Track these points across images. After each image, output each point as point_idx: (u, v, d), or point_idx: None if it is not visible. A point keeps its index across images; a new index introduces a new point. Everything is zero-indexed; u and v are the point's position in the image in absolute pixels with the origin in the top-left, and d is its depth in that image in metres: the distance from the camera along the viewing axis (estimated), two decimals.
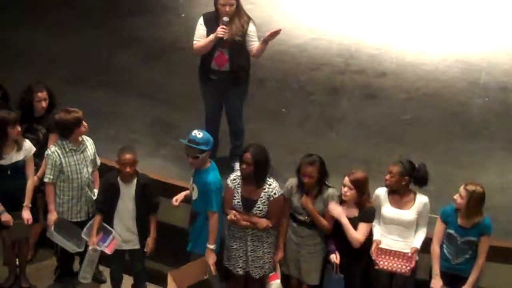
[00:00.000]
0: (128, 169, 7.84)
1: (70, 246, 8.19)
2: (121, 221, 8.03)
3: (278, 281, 7.92)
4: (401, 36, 12.04)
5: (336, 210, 7.53)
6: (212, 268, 7.74)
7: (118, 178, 7.97)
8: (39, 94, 8.34)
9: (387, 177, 7.59)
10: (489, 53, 11.60)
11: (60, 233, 8.11)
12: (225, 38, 8.32)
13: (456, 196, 7.35)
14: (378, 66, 11.29)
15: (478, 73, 11.12)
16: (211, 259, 7.74)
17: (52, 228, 8.10)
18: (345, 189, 7.54)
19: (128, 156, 7.85)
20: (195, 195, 7.76)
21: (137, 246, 8.10)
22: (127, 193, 7.97)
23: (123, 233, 8.05)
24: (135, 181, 7.97)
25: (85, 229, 8.09)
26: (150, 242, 8.05)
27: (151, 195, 7.97)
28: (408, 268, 7.52)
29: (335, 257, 7.61)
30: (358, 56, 11.53)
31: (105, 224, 8.06)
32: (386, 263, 7.57)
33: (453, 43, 11.85)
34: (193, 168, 7.74)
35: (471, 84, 10.88)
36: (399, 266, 7.53)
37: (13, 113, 8.01)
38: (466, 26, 12.34)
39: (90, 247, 8.04)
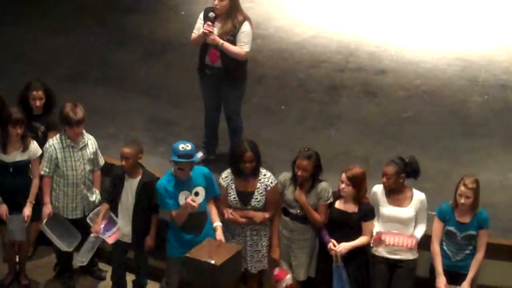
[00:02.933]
0: (123, 162, 7.85)
1: (60, 244, 8.19)
2: (122, 214, 8.05)
3: (289, 275, 7.88)
4: (401, 34, 12.04)
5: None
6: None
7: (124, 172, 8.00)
8: (34, 93, 8.34)
9: (384, 180, 7.57)
10: (488, 51, 11.61)
11: (54, 229, 8.13)
12: (211, 36, 8.31)
13: (463, 200, 7.30)
14: (377, 64, 11.29)
15: (478, 71, 11.12)
16: (223, 236, 7.72)
17: (44, 222, 8.12)
18: (343, 185, 7.55)
19: (125, 149, 7.86)
20: (201, 198, 7.71)
21: (129, 241, 8.10)
22: (130, 187, 7.98)
23: (123, 225, 8.06)
24: (139, 177, 7.97)
25: (90, 214, 8.12)
26: (148, 240, 8.04)
27: (152, 194, 7.88)
28: (412, 242, 7.49)
29: (332, 245, 7.61)
30: (358, 54, 11.54)
31: (112, 214, 8.07)
32: (390, 239, 7.52)
33: (452, 41, 11.86)
34: (185, 178, 7.65)
35: (471, 82, 10.88)
36: (402, 240, 7.49)
37: (19, 114, 7.99)
38: (466, 23, 12.35)
39: (92, 234, 8.05)
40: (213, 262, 7.18)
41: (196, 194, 7.68)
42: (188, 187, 7.64)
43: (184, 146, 7.50)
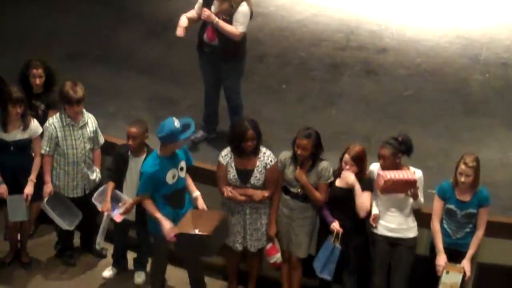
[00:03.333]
0: (130, 142, 7.87)
1: (61, 223, 8.23)
2: (127, 193, 8.07)
3: (278, 254, 7.97)
4: (402, 12, 11.99)
5: (350, 177, 7.53)
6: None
7: (129, 150, 8.00)
8: (34, 71, 8.35)
9: (381, 162, 7.55)
10: (490, 29, 11.58)
11: (55, 207, 8.17)
12: (207, 13, 8.31)
13: (463, 179, 7.30)
14: (378, 42, 11.26)
15: (479, 49, 11.09)
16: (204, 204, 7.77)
17: (45, 201, 8.14)
18: (347, 166, 7.53)
19: (131, 129, 7.88)
20: (184, 172, 7.75)
21: (133, 219, 8.14)
22: (135, 166, 8.01)
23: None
24: (144, 156, 7.98)
25: (95, 195, 8.14)
26: (127, 203, 8.03)
27: None
28: (413, 175, 7.41)
29: (338, 226, 7.61)
30: (359, 32, 11.50)
31: (118, 192, 8.10)
32: (391, 175, 7.41)
33: (454, 19, 11.82)
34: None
35: (472, 60, 10.85)
36: (403, 174, 7.42)
37: (19, 93, 7.99)
38: (467, 1, 12.29)
39: (106, 213, 8.07)
40: (203, 233, 7.25)
41: (181, 169, 7.71)
42: (174, 164, 7.65)
43: (177, 121, 7.48)
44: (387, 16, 11.88)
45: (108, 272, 8.53)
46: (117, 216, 8.06)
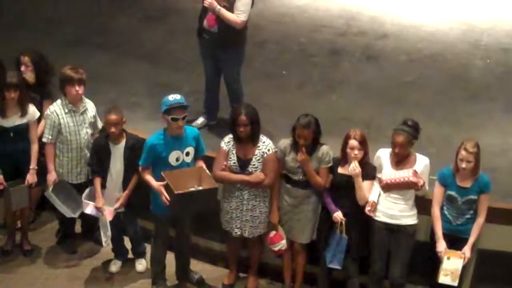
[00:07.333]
0: (113, 129, 7.83)
1: (65, 211, 8.23)
2: (112, 182, 8.07)
3: (283, 241, 7.97)
4: None
5: (356, 170, 7.48)
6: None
7: (108, 139, 7.97)
8: (21, 57, 8.36)
9: (397, 150, 7.47)
10: (490, 14, 11.55)
11: (59, 195, 8.17)
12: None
13: (464, 165, 7.29)
14: (379, 28, 11.25)
15: (480, 35, 11.08)
16: None
17: (50, 189, 8.15)
18: (356, 151, 7.52)
19: (113, 116, 7.83)
20: (191, 157, 7.74)
21: (122, 209, 8.13)
22: (118, 154, 7.99)
23: (114, 194, 8.08)
24: (124, 141, 7.97)
25: (84, 196, 8.11)
26: (121, 197, 8.04)
27: (138, 154, 7.82)
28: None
29: (341, 215, 7.62)
30: (359, 18, 11.50)
31: (106, 191, 8.07)
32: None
33: (454, 4, 11.79)
34: (180, 133, 7.62)
35: (473, 46, 10.85)
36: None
37: (14, 78, 7.96)
38: None
39: (105, 208, 8.03)
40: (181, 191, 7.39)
41: (187, 154, 7.70)
42: (180, 147, 7.65)
43: (174, 96, 7.54)
44: (388, 1, 11.85)
45: (114, 266, 8.53)
46: (109, 212, 8.06)
